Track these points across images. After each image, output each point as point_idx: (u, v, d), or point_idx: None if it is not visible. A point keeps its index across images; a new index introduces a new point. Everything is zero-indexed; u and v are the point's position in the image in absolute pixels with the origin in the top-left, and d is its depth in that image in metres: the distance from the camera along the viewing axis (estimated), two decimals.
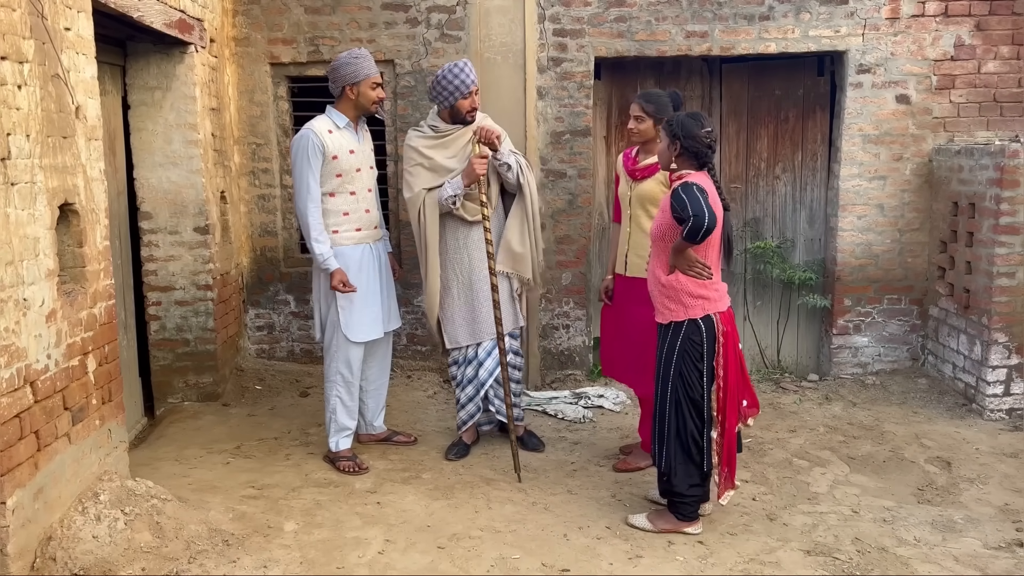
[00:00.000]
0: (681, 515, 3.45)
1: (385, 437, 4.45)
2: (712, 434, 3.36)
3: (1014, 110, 5.32)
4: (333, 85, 4.02)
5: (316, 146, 3.91)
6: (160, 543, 3.12)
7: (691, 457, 3.38)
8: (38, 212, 2.94)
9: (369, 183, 4.14)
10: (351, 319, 4.04)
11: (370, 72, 3.97)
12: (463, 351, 4.27)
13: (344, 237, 4.04)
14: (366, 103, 4.00)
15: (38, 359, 2.91)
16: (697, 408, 3.36)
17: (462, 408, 4.30)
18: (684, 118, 3.36)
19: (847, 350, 5.55)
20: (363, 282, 4.04)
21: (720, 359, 3.33)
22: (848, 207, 5.43)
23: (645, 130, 3.91)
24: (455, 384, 4.34)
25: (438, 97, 4.04)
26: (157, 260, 4.85)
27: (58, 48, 3.09)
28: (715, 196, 3.30)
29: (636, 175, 3.98)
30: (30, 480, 2.86)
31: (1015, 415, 4.75)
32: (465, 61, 4.03)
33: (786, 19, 5.26)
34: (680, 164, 3.40)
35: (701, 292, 3.32)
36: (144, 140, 4.71)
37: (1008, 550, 3.34)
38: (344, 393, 4.14)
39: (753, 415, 3.51)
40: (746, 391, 3.46)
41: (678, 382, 3.36)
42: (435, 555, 3.27)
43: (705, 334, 3.32)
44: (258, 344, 5.74)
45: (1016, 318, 4.70)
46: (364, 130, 4.16)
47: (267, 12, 5.37)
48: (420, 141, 4.15)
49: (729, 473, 3.42)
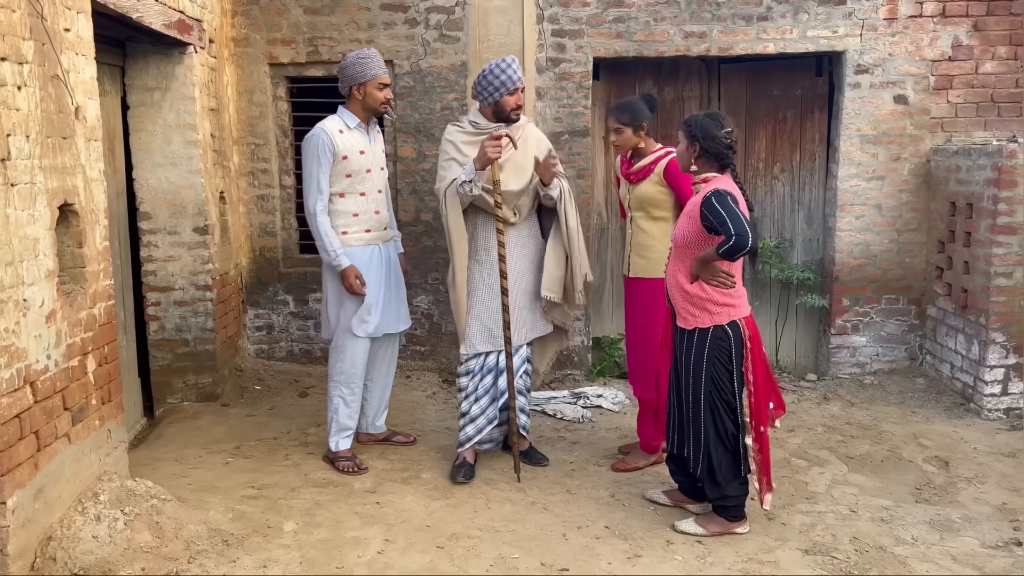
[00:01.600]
0: (731, 516, 3.44)
1: (385, 437, 4.44)
2: (747, 440, 3.35)
3: (1011, 110, 5.33)
4: (341, 85, 4.02)
5: (327, 146, 3.91)
6: (160, 543, 3.12)
7: (735, 457, 3.38)
8: (38, 213, 2.94)
9: (379, 184, 4.13)
10: (359, 316, 4.05)
11: (377, 73, 3.95)
12: (480, 359, 4.01)
13: (353, 238, 4.03)
14: (373, 104, 3.98)
15: (38, 359, 2.91)
16: (731, 410, 3.36)
17: (471, 422, 4.02)
18: (703, 118, 3.31)
19: (845, 350, 5.56)
20: (373, 282, 4.05)
21: (748, 364, 3.32)
22: (846, 207, 5.44)
23: (626, 140, 3.93)
24: (465, 395, 4.03)
25: (482, 93, 3.90)
26: (156, 260, 4.86)
27: (58, 49, 3.10)
28: (743, 202, 3.26)
29: (631, 178, 4.00)
30: (30, 480, 2.86)
31: (1013, 414, 4.76)
32: (512, 58, 3.91)
33: (784, 19, 5.27)
34: (700, 166, 3.35)
35: (726, 300, 3.30)
36: (143, 140, 4.71)
37: (1006, 549, 3.35)
38: (347, 393, 4.14)
39: (780, 416, 3.49)
40: (772, 393, 3.43)
41: (711, 387, 3.34)
42: (434, 555, 3.28)
43: (733, 340, 3.31)
44: (257, 344, 5.74)
45: (1014, 318, 4.71)
46: (376, 131, 4.15)
47: (266, 12, 5.38)
48: (459, 136, 3.97)
49: (767, 478, 3.41)
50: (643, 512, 3.66)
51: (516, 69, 3.88)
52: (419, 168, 5.44)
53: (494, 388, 4.01)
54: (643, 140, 3.95)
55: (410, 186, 5.52)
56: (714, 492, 3.43)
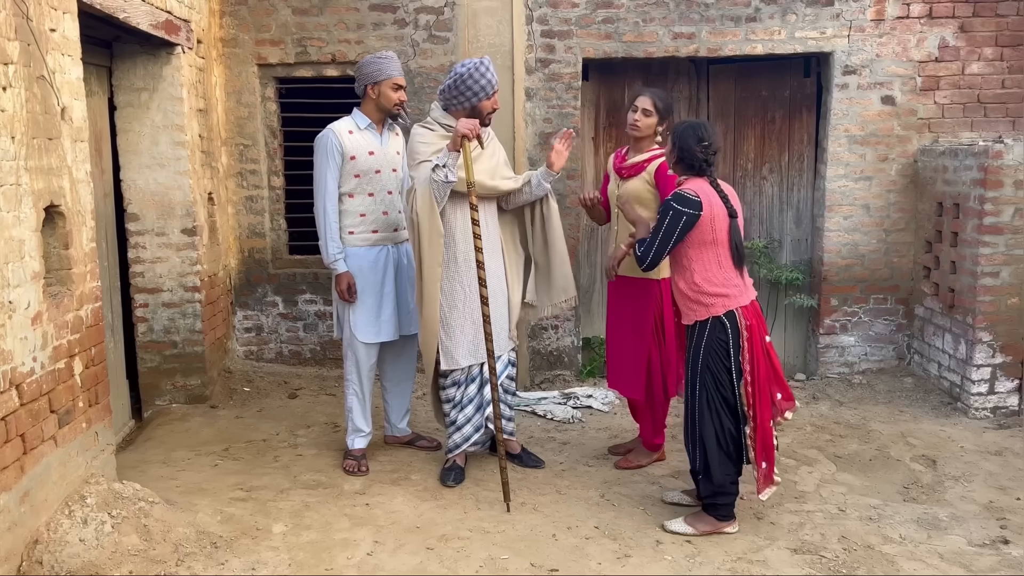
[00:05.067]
0: (721, 516, 3.45)
1: (409, 440, 4.41)
2: (746, 429, 3.37)
3: (998, 111, 5.37)
4: (357, 84, 4.03)
5: (335, 146, 3.93)
6: (147, 546, 3.11)
7: (729, 455, 3.38)
8: (23, 214, 2.93)
9: (390, 185, 4.10)
10: (361, 319, 4.04)
11: (392, 73, 3.96)
12: (465, 371, 3.91)
13: (360, 238, 4.04)
14: (387, 104, 3.99)
15: (24, 362, 2.90)
16: (730, 406, 3.36)
17: (458, 430, 3.96)
18: (684, 129, 3.37)
19: (834, 349, 5.58)
20: (376, 284, 4.05)
21: (746, 353, 3.33)
22: (834, 207, 5.46)
23: (648, 126, 3.90)
24: (452, 405, 3.96)
25: (459, 97, 3.74)
26: (144, 262, 4.83)
27: (43, 49, 3.08)
28: (712, 201, 3.30)
29: (623, 173, 3.99)
30: (16, 483, 2.84)
31: (999, 413, 4.79)
32: (488, 59, 3.79)
33: (772, 20, 5.29)
34: (676, 170, 3.47)
35: (718, 291, 3.33)
36: (131, 141, 4.69)
37: (992, 547, 3.37)
38: (358, 393, 4.14)
39: (791, 408, 3.47)
40: (778, 384, 3.43)
41: (708, 379, 3.37)
42: (424, 556, 3.27)
43: (730, 330, 3.34)
44: (246, 346, 5.72)
45: (1000, 317, 4.74)
46: (392, 133, 4.13)
47: (254, 13, 5.36)
48: (431, 136, 3.79)
49: (768, 469, 3.41)
50: (633, 512, 3.67)
51: (494, 72, 3.78)
52: None
53: (479, 396, 3.95)
54: (658, 135, 3.96)
55: None
56: (707, 489, 3.45)
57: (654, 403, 4.07)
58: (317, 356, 5.70)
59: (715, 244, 3.31)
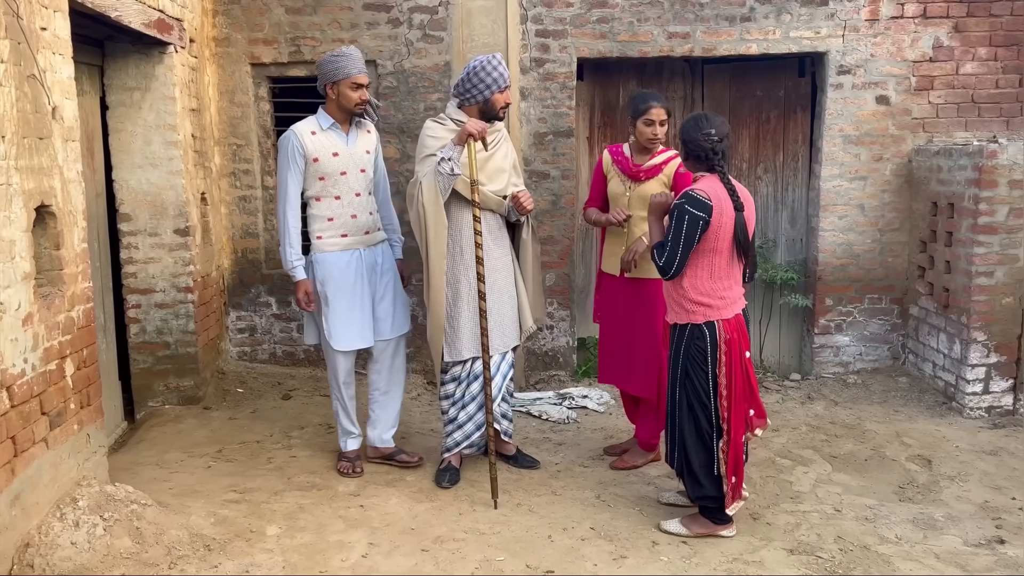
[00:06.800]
0: (716, 519, 3.43)
1: (389, 454, 4.17)
2: (719, 443, 3.33)
3: (992, 111, 5.38)
4: (318, 83, 3.93)
5: (296, 148, 3.84)
6: (140, 549, 3.08)
7: (711, 456, 3.36)
8: (14, 214, 2.90)
9: (358, 187, 3.97)
10: (334, 327, 3.94)
11: (351, 72, 3.81)
12: (467, 365, 3.90)
13: (329, 243, 3.93)
14: (347, 104, 3.86)
15: (14, 363, 2.87)
16: (706, 411, 3.35)
17: (459, 427, 3.92)
18: (687, 121, 3.36)
19: (829, 349, 5.58)
20: (348, 289, 3.93)
21: (723, 367, 3.29)
22: (829, 207, 5.46)
23: (664, 135, 3.92)
24: (451, 402, 3.93)
25: (472, 91, 3.77)
26: (137, 262, 4.80)
27: (34, 48, 3.05)
28: (723, 208, 3.23)
29: (640, 176, 3.96)
30: (7, 486, 2.81)
31: (994, 413, 4.80)
32: (499, 55, 3.83)
33: (767, 20, 5.29)
34: (688, 167, 3.44)
35: (702, 299, 3.29)
36: (123, 141, 4.66)
37: (988, 547, 3.37)
38: (340, 398, 4.09)
39: (761, 426, 3.46)
40: (753, 401, 3.40)
41: (687, 383, 3.36)
42: (419, 558, 3.26)
43: (708, 340, 3.31)
44: (240, 347, 5.69)
45: (995, 317, 4.74)
46: (360, 132, 4.00)
47: (248, 12, 5.34)
48: (441, 131, 3.82)
49: (736, 483, 3.39)
50: (628, 513, 3.66)
51: (505, 66, 3.82)
52: (402, 169, 5.41)
53: (481, 394, 3.90)
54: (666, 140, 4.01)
55: (393, 187, 5.42)
56: (693, 490, 3.44)
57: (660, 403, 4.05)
58: (311, 357, 5.67)
59: (713, 252, 3.27)
